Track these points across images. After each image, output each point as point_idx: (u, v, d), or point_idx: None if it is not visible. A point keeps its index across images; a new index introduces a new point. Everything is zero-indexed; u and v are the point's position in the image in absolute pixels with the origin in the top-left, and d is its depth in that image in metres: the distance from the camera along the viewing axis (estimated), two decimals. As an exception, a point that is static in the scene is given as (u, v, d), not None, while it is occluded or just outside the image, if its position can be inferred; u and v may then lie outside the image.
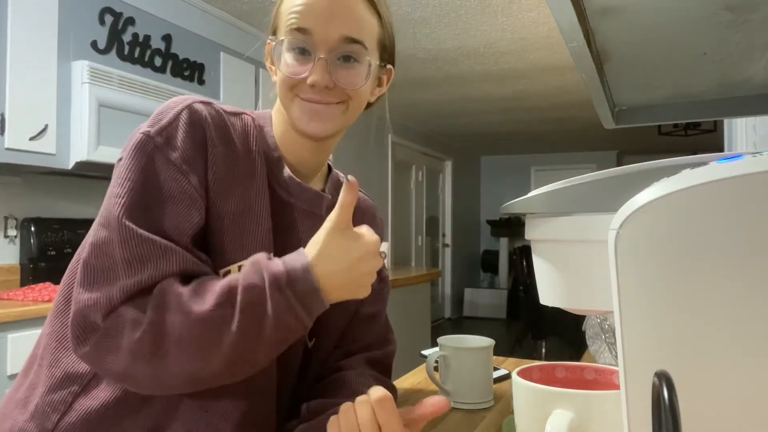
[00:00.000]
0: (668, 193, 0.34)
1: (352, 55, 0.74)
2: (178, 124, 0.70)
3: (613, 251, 0.36)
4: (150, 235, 0.64)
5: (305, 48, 0.73)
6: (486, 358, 1.04)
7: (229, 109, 0.77)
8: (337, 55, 0.73)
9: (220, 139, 0.72)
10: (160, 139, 0.68)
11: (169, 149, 0.68)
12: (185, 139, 0.69)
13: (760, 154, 0.34)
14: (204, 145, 0.70)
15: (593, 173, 0.45)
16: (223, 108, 0.76)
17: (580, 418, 0.56)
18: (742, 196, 0.33)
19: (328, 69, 0.73)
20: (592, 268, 0.44)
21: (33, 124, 2.39)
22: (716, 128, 5.07)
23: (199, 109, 0.72)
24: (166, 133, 0.69)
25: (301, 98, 0.75)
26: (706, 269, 0.34)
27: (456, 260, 8.33)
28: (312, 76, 0.72)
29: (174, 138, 0.69)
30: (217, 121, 0.73)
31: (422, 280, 4.00)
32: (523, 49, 4.06)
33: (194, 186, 0.68)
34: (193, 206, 0.68)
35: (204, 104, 0.73)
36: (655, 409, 0.29)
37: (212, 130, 0.72)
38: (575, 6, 0.48)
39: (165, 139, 0.68)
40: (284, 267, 0.64)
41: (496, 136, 7.75)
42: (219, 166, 0.71)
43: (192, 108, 0.71)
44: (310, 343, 0.84)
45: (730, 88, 0.72)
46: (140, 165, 0.67)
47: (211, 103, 0.74)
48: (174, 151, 0.68)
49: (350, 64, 0.75)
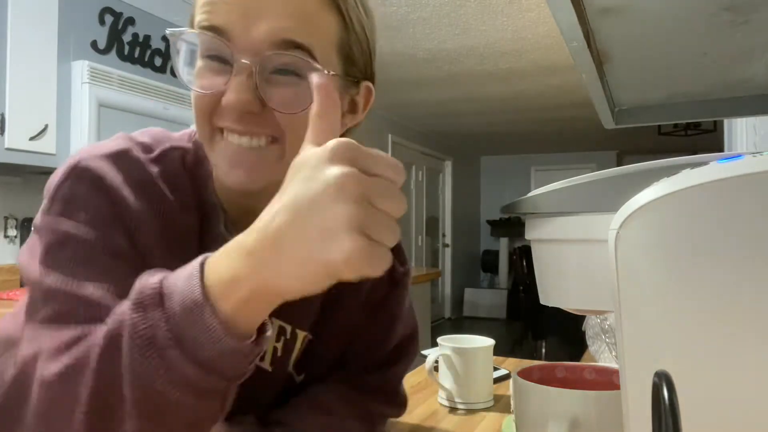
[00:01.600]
0: (668, 193, 0.34)
1: (292, 67, 0.52)
2: (75, 193, 0.54)
3: (613, 251, 0.36)
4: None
5: (221, 55, 0.52)
6: (486, 358, 1.04)
7: (156, 151, 0.59)
8: (268, 67, 0.52)
9: (131, 197, 0.55)
10: (57, 206, 0.54)
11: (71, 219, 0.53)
12: (86, 204, 0.54)
13: (760, 154, 0.34)
14: (111, 208, 0.54)
15: (593, 173, 0.45)
16: (140, 155, 0.58)
17: (580, 418, 0.56)
18: (742, 196, 0.33)
19: (251, 84, 0.51)
20: (592, 268, 0.44)
21: (33, 124, 2.39)
22: (716, 128, 5.07)
23: (95, 166, 0.55)
24: (59, 206, 0.54)
25: (219, 131, 0.54)
26: (706, 269, 0.34)
27: (456, 260, 8.33)
28: (227, 93, 0.51)
29: (71, 207, 0.54)
30: (130, 175, 0.55)
31: (422, 280, 4.00)
32: (523, 49, 4.06)
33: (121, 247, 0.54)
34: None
35: (106, 158, 0.55)
36: (655, 409, 0.29)
37: (118, 189, 0.54)
38: (575, 6, 0.48)
39: (61, 211, 0.54)
40: (159, 278, 0.44)
41: (496, 136, 7.75)
42: (137, 230, 0.55)
43: (82, 168, 0.54)
44: (298, 378, 0.71)
45: (730, 88, 0.72)
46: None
47: (122, 153, 0.56)
48: (78, 222, 0.53)
49: (288, 78, 0.52)
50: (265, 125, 0.53)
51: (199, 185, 0.60)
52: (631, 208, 0.35)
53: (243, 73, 0.51)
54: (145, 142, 0.60)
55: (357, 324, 0.74)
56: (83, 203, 0.53)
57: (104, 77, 2.60)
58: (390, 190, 0.39)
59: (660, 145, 7.28)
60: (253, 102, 0.51)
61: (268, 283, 0.40)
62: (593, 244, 0.43)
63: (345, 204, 0.37)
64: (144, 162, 0.57)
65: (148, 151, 0.59)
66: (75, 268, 0.51)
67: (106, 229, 0.53)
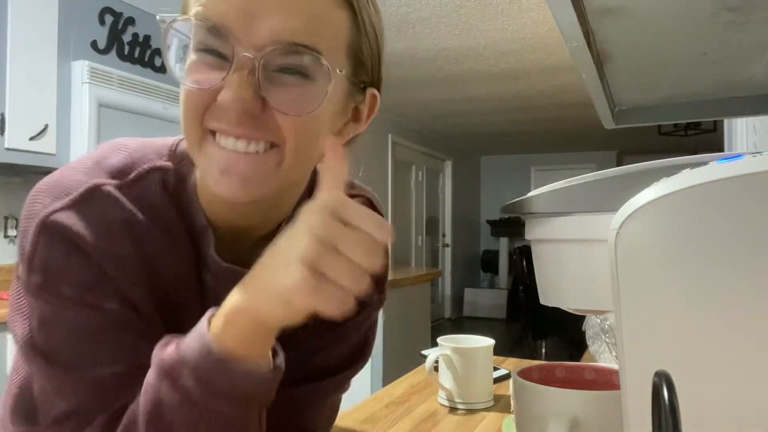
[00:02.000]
0: (668, 193, 0.34)
1: (299, 67, 0.46)
2: (51, 259, 0.49)
3: (613, 251, 0.36)
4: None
5: (218, 49, 0.46)
6: (486, 358, 1.04)
7: (132, 175, 0.53)
8: (272, 64, 0.46)
9: (111, 247, 0.51)
10: (36, 277, 0.49)
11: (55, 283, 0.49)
12: (68, 273, 0.49)
13: (760, 154, 0.34)
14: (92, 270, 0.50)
15: (593, 173, 0.45)
16: (112, 191, 0.52)
17: (580, 418, 0.56)
18: (742, 196, 0.33)
19: (253, 81, 0.45)
20: (592, 268, 0.44)
21: (33, 124, 2.39)
22: (716, 128, 5.06)
23: (66, 223, 0.49)
24: (38, 278, 0.49)
25: (210, 134, 0.48)
26: (706, 269, 0.34)
27: (456, 260, 8.32)
28: (225, 90, 0.45)
29: (51, 279, 0.49)
30: (106, 219, 0.51)
31: (422, 280, 4.00)
32: (523, 49, 4.06)
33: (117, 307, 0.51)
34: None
35: (74, 207, 0.50)
36: (655, 409, 0.29)
37: (95, 245, 0.49)
38: (575, 6, 0.48)
39: (41, 283, 0.49)
40: (176, 349, 0.46)
41: (496, 136, 7.75)
42: (126, 281, 0.51)
43: (51, 225, 0.50)
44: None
45: (730, 88, 0.72)
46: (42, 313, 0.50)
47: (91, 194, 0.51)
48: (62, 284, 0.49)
49: (294, 78, 0.47)
50: (265, 129, 0.47)
51: (183, 208, 0.55)
52: (631, 208, 0.35)
53: (244, 69, 0.45)
54: (118, 166, 0.53)
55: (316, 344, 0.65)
56: (64, 272, 0.49)
57: (104, 77, 2.60)
58: (364, 242, 0.42)
59: (660, 145, 7.28)
60: (254, 102, 0.45)
61: (254, 310, 0.44)
62: (593, 244, 0.43)
63: (306, 239, 0.41)
64: (118, 199, 0.52)
65: (122, 175, 0.53)
66: (74, 355, 0.49)
67: (95, 296, 0.49)
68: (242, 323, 0.44)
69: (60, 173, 0.53)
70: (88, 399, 0.50)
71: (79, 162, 0.55)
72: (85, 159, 0.55)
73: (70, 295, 0.49)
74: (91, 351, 0.49)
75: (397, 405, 1.07)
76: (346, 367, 0.66)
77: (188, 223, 0.55)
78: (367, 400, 1.10)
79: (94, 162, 0.54)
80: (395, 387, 1.19)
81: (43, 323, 0.50)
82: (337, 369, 0.65)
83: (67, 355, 0.50)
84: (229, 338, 0.44)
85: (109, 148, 0.56)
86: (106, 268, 0.50)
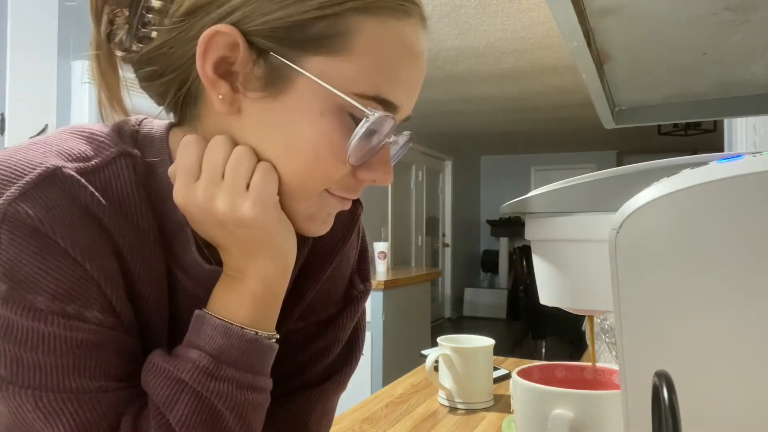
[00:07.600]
0: (668, 193, 0.34)
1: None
2: (17, 261, 0.40)
3: (613, 251, 0.36)
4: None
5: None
6: (486, 358, 1.04)
7: (94, 161, 0.46)
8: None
9: (89, 232, 0.44)
10: (3, 287, 0.40)
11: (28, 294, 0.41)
12: (38, 279, 0.41)
13: (760, 154, 0.34)
14: (71, 273, 0.42)
15: (593, 173, 0.45)
16: (74, 176, 0.44)
17: (580, 418, 0.56)
18: (742, 196, 0.33)
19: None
20: (592, 268, 0.44)
21: (33, 124, 2.39)
22: (716, 128, 5.07)
23: (27, 213, 0.41)
24: (5, 285, 0.40)
25: (329, 192, 0.50)
26: (705, 269, 0.34)
27: (456, 260, 8.33)
28: (376, 173, 0.49)
29: (20, 286, 0.41)
30: (77, 205, 0.43)
31: (422, 280, 4.00)
32: (523, 49, 4.06)
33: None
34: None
35: (34, 192, 0.41)
36: (655, 409, 0.29)
37: (63, 242, 0.42)
38: (575, 6, 0.48)
39: (6, 282, 0.40)
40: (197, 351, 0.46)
41: (496, 136, 7.75)
42: (105, 273, 0.45)
43: (12, 217, 0.40)
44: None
45: (730, 88, 0.72)
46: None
47: (52, 178, 0.42)
48: (34, 294, 0.41)
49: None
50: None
51: (153, 201, 0.49)
52: (631, 208, 0.35)
53: (389, 148, 0.50)
54: (79, 151, 0.47)
55: (307, 339, 0.65)
56: (37, 278, 0.41)
57: (104, 77, 2.60)
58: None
59: (660, 145, 7.29)
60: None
61: (259, 277, 0.48)
62: (593, 244, 0.43)
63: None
64: (83, 183, 0.44)
65: (84, 159, 0.46)
66: (61, 377, 0.43)
67: (77, 305, 0.43)
68: (257, 297, 0.48)
69: (4, 153, 0.44)
70: (89, 419, 0.44)
71: (28, 143, 0.46)
72: (34, 141, 0.47)
73: (45, 307, 0.41)
74: (78, 367, 0.43)
75: (397, 405, 1.07)
76: (343, 365, 0.66)
77: (160, 219, 0.50)
78: (367, 400, 1.11)
79: (45, 144, 0.46)
80: (395, 387, 1.19)
81: (9, 343, 0.41)
82: (335, 368, 0.65)
83: (49, 375, 0.43)
84: (250, 319, 0.48)
85: (64, 133, 0.49)
86: (88, 267, 0.43)
